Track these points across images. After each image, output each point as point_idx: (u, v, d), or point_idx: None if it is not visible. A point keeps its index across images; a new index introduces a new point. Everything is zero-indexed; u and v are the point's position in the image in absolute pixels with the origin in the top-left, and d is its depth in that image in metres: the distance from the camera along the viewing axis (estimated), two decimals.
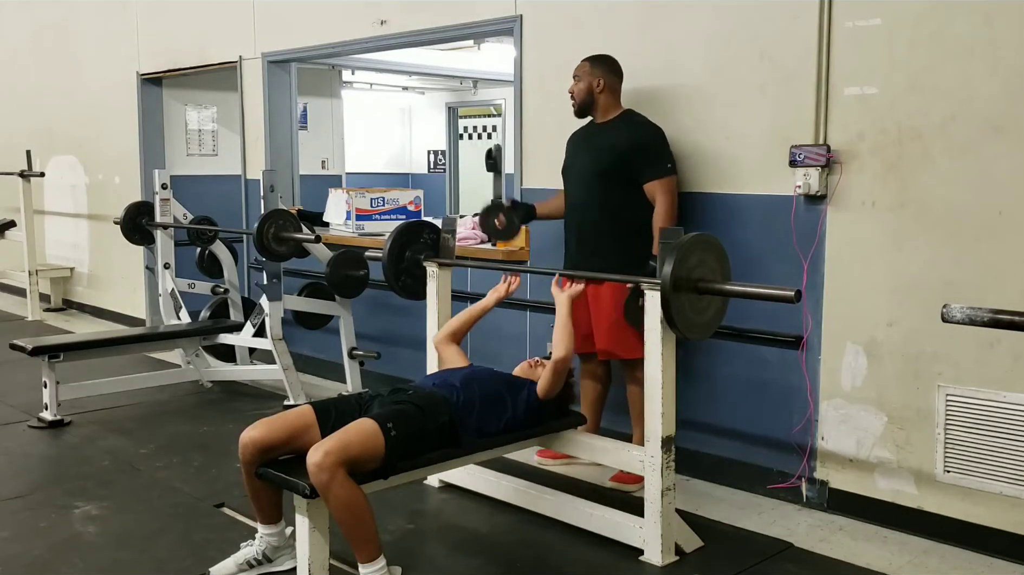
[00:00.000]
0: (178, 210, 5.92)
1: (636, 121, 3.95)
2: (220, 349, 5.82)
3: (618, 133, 3.93)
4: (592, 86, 3.95)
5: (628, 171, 3.86)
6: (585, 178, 4.00)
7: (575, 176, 4.08)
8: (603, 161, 3.92)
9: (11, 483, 4.05)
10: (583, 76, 3.98)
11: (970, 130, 3.26)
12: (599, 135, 4.00)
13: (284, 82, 6.37)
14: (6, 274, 8.85)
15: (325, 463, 2.73)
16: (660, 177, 3.83)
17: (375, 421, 2.90)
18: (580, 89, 3.98)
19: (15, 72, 9.24)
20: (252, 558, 3.11)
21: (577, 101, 4.02)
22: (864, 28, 3.49)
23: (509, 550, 3.42)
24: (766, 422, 3.89)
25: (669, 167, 3.86)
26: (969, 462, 3.34)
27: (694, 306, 3.11)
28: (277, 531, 3.13)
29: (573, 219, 4.08)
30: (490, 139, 10.85)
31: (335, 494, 2.74)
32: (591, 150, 4.00)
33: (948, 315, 2.47)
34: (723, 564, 3.24)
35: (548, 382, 3.35)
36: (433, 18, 5.13)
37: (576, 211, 4.05)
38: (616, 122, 3.97)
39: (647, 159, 3.84)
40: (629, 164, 3.86)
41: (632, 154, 3.85)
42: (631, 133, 3.90)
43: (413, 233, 3.88)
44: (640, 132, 3.91)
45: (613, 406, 4.21)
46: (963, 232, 3.30)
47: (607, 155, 3.91)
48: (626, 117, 3.98)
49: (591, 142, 4.02)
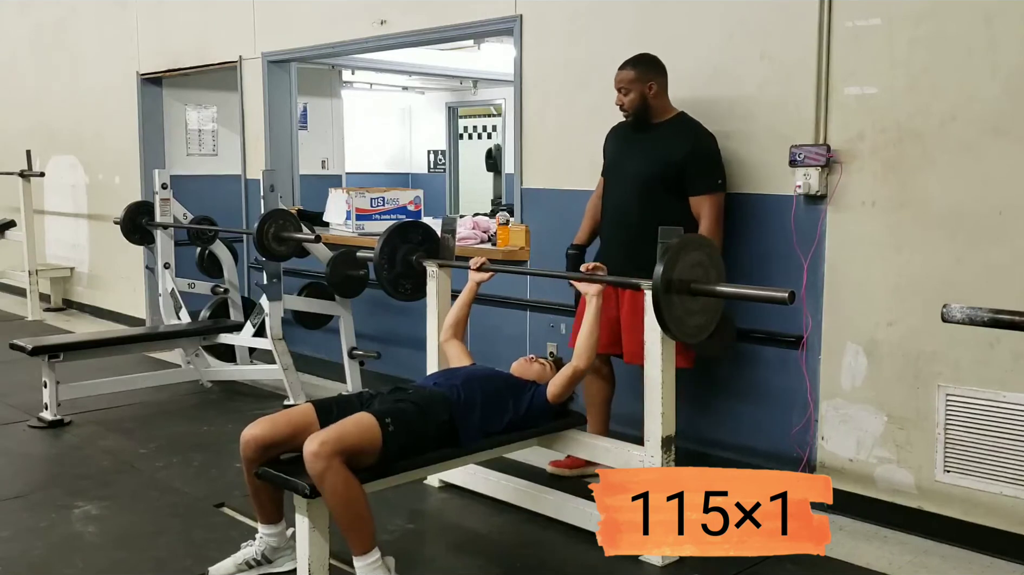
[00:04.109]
0: (178, 210, 5.92)
1: (693, 128, 3.77)
2: (220, 349, 5.82)
3: (674, 139, 3.75)
4: (644, 93, 3.74)
5: (678, 180, 3.71)
6: (630, 181, 3.82)
7: (620, 177, 3.88)
8: (654, 166, 3.75)
9: (11, 483, 4.05)
10: (631, 86, 3.75)
11: (970, 130, 3.26)
12: (651, 137, 3.80)
13: (284, 82, 6.37)
14: (6, 274, 8.84)
15: (321, 452, 2.72)
16: (709, 192, 3.69)
17: (373, 415, 2.90)
18: (632, 99, 3.75)
19: (15, 72, 9.24)
20: (251, 558, 3.10)
21: (631, 112, 3.79)
22: (864, 28, 3.49)
23: (509, 550, 3.43)
24: (766, 422, 3.89)
25: (720, 183, 3.72)
26: (969, 462, 3.34)
27: (687, 307, 3.11)
28: (277, 531, 3.12)
29: (613, 220, 3.91)
30: (490, 139, 10.85)
31: (330, 483, 2.73)
32: (642, 153, 3.81)
33: (948, 315, 2.47)
34: (723, 564, 3.23)
35: (563, 388, 3.34)
36: (433, 18, 5.13)
37: (617, 213, 3.88)
38: (671, 126, 3.79)
39: (699, 171, 3.69)
40: (681, 174, 3.70)
41: (686, 163, 3.69)
42: (687, 141, 3.72)
43: (404, 234, 3.92)
44: (697, 140, 3.73)
45: (612, 406, 4.20)
46: (963, 232, 3.30)
47: (661, 163, 3.73)
48: (681, 121, 3.79)
49: (641, 144, 3.83)
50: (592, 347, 3.32)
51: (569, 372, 3.34)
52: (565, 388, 3.35)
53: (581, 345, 3.33)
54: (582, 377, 3.40)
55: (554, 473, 4.09)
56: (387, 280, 3.91)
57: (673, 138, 3.76)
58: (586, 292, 3.36)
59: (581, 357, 3.31)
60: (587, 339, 3.31)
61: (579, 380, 3.40)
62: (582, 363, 3.31)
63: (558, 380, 3.35)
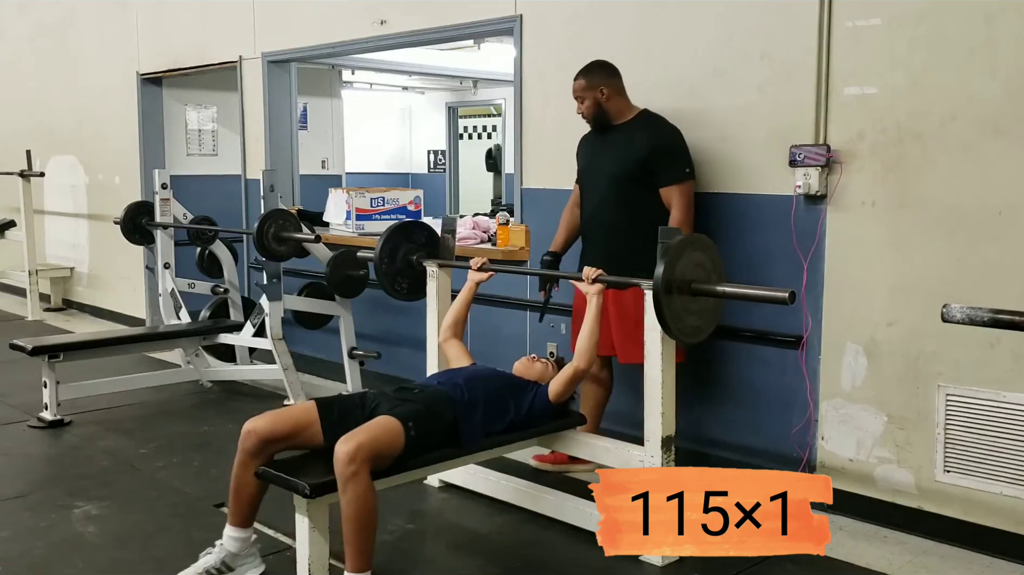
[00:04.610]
0: (178, 210, 5.92)
1: (655, 122, 3.87)
2: (220, 349, 5.82)
3: (636, 135, 3.84)
4: (598, 99, 3.86)
5: (647, 175, 3.79)
6: (603, 182, 3.91)
7: (592, 180, 3.98)
8: (622, 165, 3.84)
9: (11, 483, 4.06)
10: (584, 94, 3.88)
11: (970, 130, 3.26)
12: (616, 138, 3.90)
13: (284, 82, 6.37)
14: (6, 274, 8.85)
15: (357, 456, 2.69)
16: (677, 182, 3.76)
17: (397, 419, 2.88)
18: (588, 107, 3.89)
19: (15, 72, 9.24)
20: (212, 567, 3.00)
21: (589, 119, 3.93)
22: (864, 28, 3.49)
23: (509, 550, 3.43)
24: (766, 422, 3.89)
25: (687, 172, 3.79)
26: (969, 462, 3.34)
27: (688, 307, 3.11)
28: (243, 537, 3.03)
29: (591, 223, 3.99)
30: (490, 139, 10.86)
31: (356, 490, 2.70)
32: (609, 154, 3.90)
33: (948, 315, 2.47)
34: (723, 564, 3.23)
35: (564, 388, 3.35)
36: (433, 18, 5.13)
37: (594, 215, 3.96)
38: (634, 124, 3.89)
39: (665, 163, 3.77)
40: (647, 168, 3.78)
41: (651, 157, 3.77)
42: (650, 135, 3.82)
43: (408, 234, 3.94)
44: (659, 135, 3.82)
45: (612, 406, 4.21)
46: (963, 232, 3.30)
47: (626, 159, 3.82)
48: (644, 118, 3.89)
49: (609, 146, 3.92)
50: (593, 347, 3.32)
51: (570, 372, 3.34)
52: (566, 388, 3.35)
53: (582, 345, 3.33)
54: (583, 377, 3.40)
55: (537, 467, 4.14)
56: (385, 275, 3.91)
57: (637, 135, 3.85)
58: (587, 292, 3.36)
59: (582, 357, 3.31)
60: (588, 339, 3.31)
61: (580, 380, 3.41)
62: (583, 363, 3.31)
63: (559, 380, 3.36)
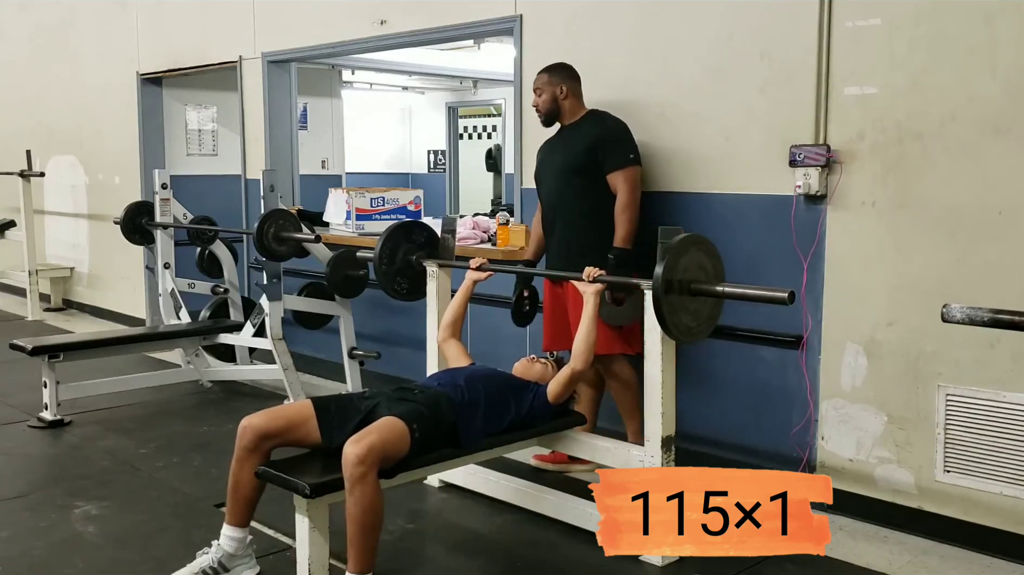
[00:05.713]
0: (178, 210, 5.92)
1: (600, 116, 4.01)
2: (220, 349, 5.82)
3: (585, 130, 3.98)
4: (556, 95, 4.02)
5: (593, 165, 3.91)
6: (556, 177, 4.04)
7: (547, 177, 4.12)
8: (570, 158, 3.97)
9: (11, 483, 4.06)
10: (544, 87, 4.04)
11: (970, 130, 3.26)
12: (567, 136, 4.05)
13: (284, 82, 6.37)
14: (6, 274, 8.85)
15: (367, 458, 2.70)
16: (622, 167, 3.87)
17: (402, 421, 2.88)
18: (544, 100, 4.04)
19: (15, 72, 9.24)
20: (208, 567, 3.00)
21: (543, 112, 4.07)
22: (864, 28, 3.49)
23: (509, 550, 3.43)
24: (766, 422, 3.89)
25: (632, 157, 3.90)
26: (969, 462, 3.34)
27: (687, 308, 3.11)
28: (240, 537, 3.03)
29: (549, 220, 4.11)
30: (490, 139, 10.86)
31: (364, 491, 2.70)
32: (561, 150, 4.05)
33: (948, 315, 2.47)
34: (723, 564, 3.23)
35: (562, 388, 3.35)
36: (433, 18, 5.13)
37: (551, 212, 4.09)
38: (582, 121, 4.03)
39: (609, 149, 3.89)
40: (594, 158, 3.90)
41: (596, 146, 3.90)
42: (593, 126, 3.96)
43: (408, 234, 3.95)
44: (603, 126, 3.96)
45: (611, 406, 4.21)
46: (963, 232, 3.30)
47: (576, 152, 3.95)
48: (591, 115, 4.04)
49: (561, 143, 4.07)
50: (590, 348, 3.31)
51: (568, 373, 3.34)
52: (564, 389, 3.36)
53: (578, 347, 3.32)
54: (580, 378, 3.41)
55: (537, 467, 4.16)
56: (385, 275, 3.92)
57: (583, 129, 4.00)
58: (585, 292, 3.37)
59: (578, 358, 3.31)
60: (584, 340, 3.31)
61: (578, 381, 3.42)
62: (579, 364, 3.31)
63: (557, 382, 3.36)
